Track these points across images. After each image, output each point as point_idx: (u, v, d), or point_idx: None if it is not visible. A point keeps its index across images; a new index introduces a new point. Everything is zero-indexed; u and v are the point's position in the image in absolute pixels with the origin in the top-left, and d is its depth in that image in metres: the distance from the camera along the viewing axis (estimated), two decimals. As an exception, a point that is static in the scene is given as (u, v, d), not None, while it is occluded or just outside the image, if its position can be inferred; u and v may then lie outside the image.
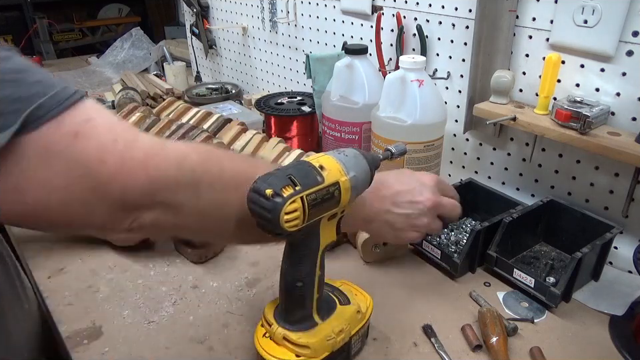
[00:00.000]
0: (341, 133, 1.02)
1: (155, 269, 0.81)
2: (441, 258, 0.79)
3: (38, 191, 0.41)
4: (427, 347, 0.65)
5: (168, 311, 0.72)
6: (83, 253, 0.85)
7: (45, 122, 0.40)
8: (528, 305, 0.72)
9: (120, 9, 3.59)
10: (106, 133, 0.43)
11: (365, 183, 0.55)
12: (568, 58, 0.80)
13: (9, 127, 0.38)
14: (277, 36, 1.47)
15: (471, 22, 0.92)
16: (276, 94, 1.30)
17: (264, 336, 0.58)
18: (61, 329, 0.68)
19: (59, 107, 0.41)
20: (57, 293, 0.75)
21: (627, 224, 0.79)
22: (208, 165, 0.50)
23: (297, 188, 0.47)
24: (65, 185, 0.41)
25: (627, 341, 0.65)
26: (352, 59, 0.99)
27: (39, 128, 0.40)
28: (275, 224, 0.46)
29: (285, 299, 0.56)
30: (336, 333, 0.57)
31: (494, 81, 0.86)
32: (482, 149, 1.00)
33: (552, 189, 0.89)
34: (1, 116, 0.38)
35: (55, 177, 0.41)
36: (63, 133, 0.41)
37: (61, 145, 0.41)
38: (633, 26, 0.72)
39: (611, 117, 0.77)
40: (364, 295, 0.66)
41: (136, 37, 2.10)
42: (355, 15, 1.19)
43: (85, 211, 0.43)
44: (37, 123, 0.40)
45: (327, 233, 0.54)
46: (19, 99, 0.39)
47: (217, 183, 0.49)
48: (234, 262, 0.83)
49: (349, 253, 0.85)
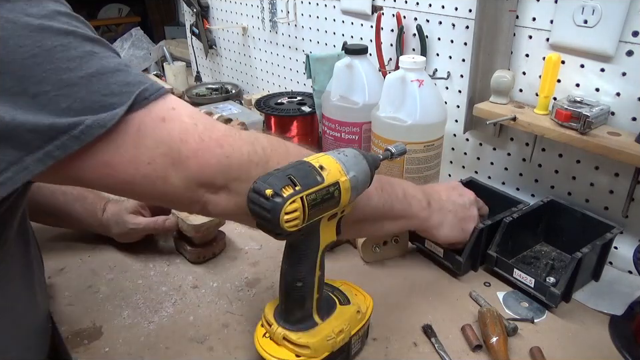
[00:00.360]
0: (340, 133, 1.02)
1: (155, 269, 0.81)
2: (443, 257, 0.79)
3: (126, 165, 0.46)
4: (427, 346, 0.65)
5: (168, 311, 0.72)
6: (83, 253, 0.85)
7: (146, 104, 0.46)
8: (528, 305, 0.72)
9: (120, 9, 3.59)
10: (188, 118, 0.49)
11: (364, 183, 0.55)
12: (568, 58, 0.80)
13: (123, 102, 0.45)
14: (277, 36, 1.47)
15: (471, 22, 0.92)
16: (276, 94, 1.30)
17: (264, 336, 0.58)
18: (61, 329, 0.68)
19: (156, 94, 0.47)
20: (57, 293, 0.75)
21: (627, 224, 0.79)
22: (275, 145, 0.55)
23: (297, 188, 0.47)
24: (149, 161, 0.47)
25: (627, 341, 0.65)
26: (352, 59, 0.99)
27: (141, 109, 0.46)
28: (274, 224, 0.46)
29: (285, 299, 0.56)
30: (336, 333, 0.57)
31: (494, 81, 0.86)
32: (482, 148, 1.00)
33: (552, 189, 0.89)
34: (116, 95, 0.44)
35: (141, 154, 0.47)
36: (153, 117, 0.47)
37: (150, 127, 0.47)
38: (633, 26, 0.72)
39: (611, 117, 0.77)
40: (364, 295, 0.66)
41: (136, 37, 2.10)
42: (355, 14, 1.19)
43: (165, 185, 0.48)
44: (140, 104, 0.46)
45: (327, 233, 0.54)
46: (128, 83, 0.46)
47: (284, 161, 0.53)
48: (234, 262, 0.83)
49: (349, 253, 0.85)
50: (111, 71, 0.45)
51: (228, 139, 0.51)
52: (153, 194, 0.50)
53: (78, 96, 0.43)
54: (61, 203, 0.82)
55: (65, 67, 0.43)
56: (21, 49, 0.41)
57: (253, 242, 0.88)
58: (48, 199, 0.81)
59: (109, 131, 0.44)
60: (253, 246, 0.87)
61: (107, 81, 0.44)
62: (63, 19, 0.45)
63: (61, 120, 0.42)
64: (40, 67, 0.41)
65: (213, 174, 0.50)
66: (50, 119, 0.42)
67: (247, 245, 0.88)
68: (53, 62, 0.42)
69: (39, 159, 0.42)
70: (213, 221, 0.80)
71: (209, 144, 0.49)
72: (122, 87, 0.45)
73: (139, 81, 0.47)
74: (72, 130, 0.42)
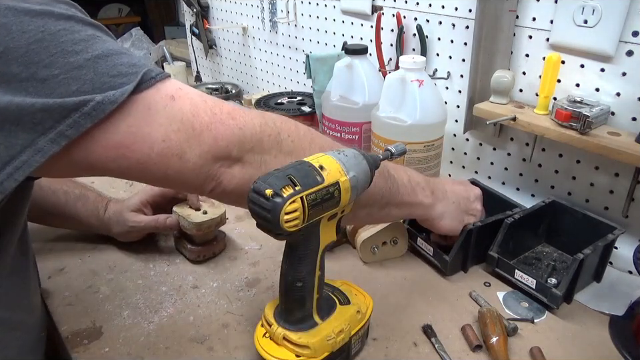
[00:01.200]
0: (341, 133, 1.02)
1: (155, 269, 0.81)
2: (433, 255, 0.80)
3: (140, 144, 0.46)
4: (427, 346, 0.65)
5: (168, 311, 0.72)
6: (83, 253, 0.85)
7: (154, 83, 0.47)
8: (528, 305, 0.72)
9: (120, 9, 3.59)
10: (196, 96, 0.50)
11: (364, 183, 0.55)
12: (568, 58, 0.80)
13: (130, 82, 0.45)
14: (277, 36, 1.47)
15: (471, 22, 0.92)
16: (276, 94, 1.30)
17: (264, 336, 0.58)
18: (61, 329, 0.68)
19: (161, 75, 0.48)
20: (57, 293, 0.75)
21: (627, 224, 0.79)
22: (284, 119, 0.56)
23: (297, 188, 0.47)
24: (164, 138, 0.47)
25: (627, 341, 0.65)
26: (352, 59, 0.99)
27: (147, 89, 0.46)
28: (274, 224, 0.46)
29: (285, 299, 0.56)
30: (336, 333, 0.57)
31: (494, 81, 0.86)
32: (482, 148, 1.00)
33: (552, 189, 0.89)
34: (124, 76, 0.45)
35: (155, 131, 0.46)
36: (162, 95, 0.47)
37: (160, 105, 0.47)
38: (633, 26, 0.72)
39: (610, 117, 0.77)
40: (364, 295, 0.66)
41: (136, 36, 2.09)
42: (355, 14, 1.19)
43: (180, 162, 0.48)
44: (147, 84, 0.46)
45: (327, 233, 0.54)
46: (134, 65, 0.46)
47: (294, 134, 0.55)
48: (234, 262, 0.83)
49: (349, 253, 0.85)
50: (116, 53, 0.45)
51: (239, 111, 0.51)
52: (167, 174, 0.49)
53: (87, 78, 0.43)
54: (63, 202, 0.82)
55: (71, 49, 0.43)
56: (24, 34, 0.41)
57: (253, 242, 0.88)
58: (50, 198, 0.81)
59: (119, 108, 0.44)
60: (253, 246, 0.87)
61: (114, 62, 0.45)
62: (62, 5, 0.45)
63: (71, 99, 0.42)
64: (46, 51, 0.42)
65: (228, 145, 0.50)
66: (60, 100, 0.42)
67: (247, 245, 0.88)
68: (58, 45, 0.42)
69: (53, 140, 0.42)
70: (214, 219, 0.80)
71: (221, 117, 0.49)
72: (128, 68, 0.45)
73: (144, 64, 0.47)
74: (83, 107, 0.42)
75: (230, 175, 0.51)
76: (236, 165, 0.51)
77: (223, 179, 0.51)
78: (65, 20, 0.44)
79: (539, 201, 0.85)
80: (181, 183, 0.51)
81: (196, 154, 0.48)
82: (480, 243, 0.78)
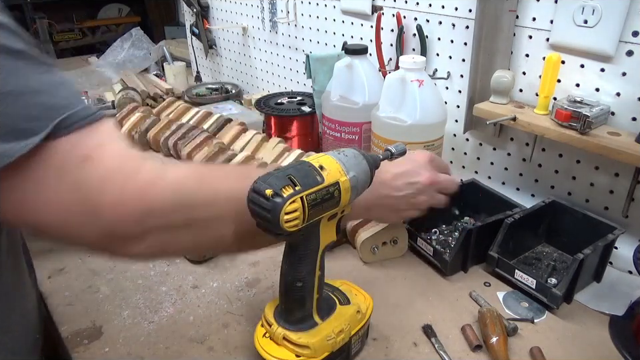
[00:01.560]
0: (341, 133, 1.02)
1: (154, 269, 0.81)
2: (433, 255, 0.80)
3: (42, 208, 0.42)
4: (427, 346, 0.65)
5: (168, 311, 0.72)
6: (83, 253, 0.85)
7: (68, 133, 0.41)
8: (528, 305, 0.72)
9: (120, 9, 3.59)
10: (112, 160, 0.44)
11: (364, 183, 0.55)
12: (568, 58, 0.80)
13: (42, 129, 0.39)
14: (277, 36, 1.47)
15: (471, 22, 0.92)
16: (276, 94, 1.30)
17: (264, 336, 0.58)
18: (61, 329, 0.68)
19: (89, 118, 0.43)
20: (57, 293, 0.75)
21: (627, 224, 0.79)
22: (204, 188, 0.50)
23: (297, 188, 0.47)
24: (66, 207, 0.43)
25: (627, 341, 0.65)
26: (352, 59, 0.99)
27: (64, 137, 0.41)
28: (274, 224, 0.46)
29: (285, 299, 0.56)
30: (336, 333, 0.57)
31: (494, 81, 0.86)
32: (482, 148, 1.00)
33: (552, 189, 0.89)
34: (34, 120, 0.39)
35: (58, 196, 0.42)
36: (77, 154, 0.42)
37: (72, 165, 0.42)
38: (633, 26, 0.72)
39: (611, 117, 0.77)
40: (364, 295, 0.66)
41: (136, 36, 2.09)
42: (355, 14, 1.19)
43: (80, 233, 0.44)
44: (63, 132, 0.41)
45: (327, 233, 0.54)
46: (52, 106, 0.41)
47: (212, 204, 0.50)
48: (234, 262, 0.83)
49: (349, 253, 0.85)
50: (31, 91, 0.39)
51: (151, 190, 0.45)
52: (71, 240, 0.47)
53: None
54: None
55: None
56: None
57: (253, 242, 0.88)
58: None
59: (19, 164, 0.38)
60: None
61: (26, 103, 0.39)
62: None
63: None
64: None
65: (130, 228, 0.45)
66: None
67: (247, 245, 0.88)
68: None
69: None
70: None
71: (130, 196, 0.44)
72: (43, 111, 0.40)
73: (67, 104, 0.41)
74: None
75: (126, 250, 0.47)
76: (138, 242, 0.46)
77: (125, 252, 0.47)
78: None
79: (539, 200, 0.85)
80: (86, 249, 0.48)
81: (95, 230, 0.44)
82: (480, 242, 0.78)
